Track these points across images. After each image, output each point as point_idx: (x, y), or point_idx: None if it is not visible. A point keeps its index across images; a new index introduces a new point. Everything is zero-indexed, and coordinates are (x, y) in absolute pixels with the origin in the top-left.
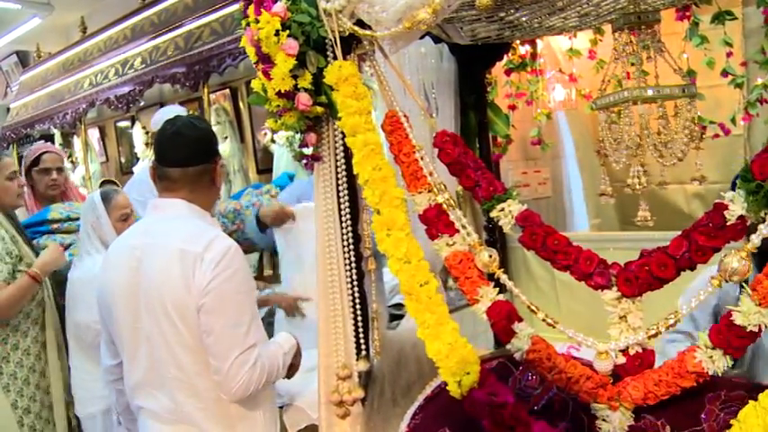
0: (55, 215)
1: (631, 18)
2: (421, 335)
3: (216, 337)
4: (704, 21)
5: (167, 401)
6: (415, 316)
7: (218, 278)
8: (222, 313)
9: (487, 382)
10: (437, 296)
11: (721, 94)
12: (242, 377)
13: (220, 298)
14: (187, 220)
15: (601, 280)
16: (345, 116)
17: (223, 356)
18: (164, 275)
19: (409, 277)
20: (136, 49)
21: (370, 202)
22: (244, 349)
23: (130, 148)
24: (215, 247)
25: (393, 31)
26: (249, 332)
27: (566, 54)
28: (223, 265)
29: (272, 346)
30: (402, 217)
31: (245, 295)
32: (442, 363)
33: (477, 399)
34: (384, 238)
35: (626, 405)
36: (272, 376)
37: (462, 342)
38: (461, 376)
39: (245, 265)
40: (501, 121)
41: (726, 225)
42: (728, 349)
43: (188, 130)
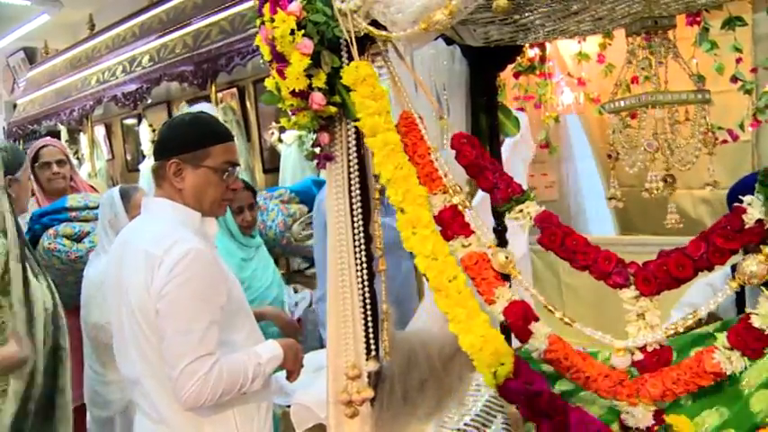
0: (73, 203)
1: (647, 22)
2: (453, 329)
3: (167, 343)
4: (714, 26)
5: (150, 401)
6: (447, 311)
7: (171, 283)
8: (174, 319)
9: (522, 372)
10: (466, 290)
11: (730, 99)
12: (191, 386)
13: (173, 303)
14: (164, 220)
15: (619, 279)
16: (364, 117)
17: (173, 363)
18: (131, 276)
19: (438, 273)
20: (144, 46)
21: (393, 202)
22: (194, 358)
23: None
24: (174, 251)
25: (408, 32)
26: (203, 340)
27: (574, 58)
28: (179, 269)
29: (243, 356)
30: (426, 214)
31: (202, 302)
32: (477, 355)
33: (513, 388)
34: (410, 237)
35: (645, 402)
36: (234, 388)
37: (495, 333)
38: (496, 367)
39: (208, 271)
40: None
41: (744, 228)
42: (746, 351)
43: (166, 125)
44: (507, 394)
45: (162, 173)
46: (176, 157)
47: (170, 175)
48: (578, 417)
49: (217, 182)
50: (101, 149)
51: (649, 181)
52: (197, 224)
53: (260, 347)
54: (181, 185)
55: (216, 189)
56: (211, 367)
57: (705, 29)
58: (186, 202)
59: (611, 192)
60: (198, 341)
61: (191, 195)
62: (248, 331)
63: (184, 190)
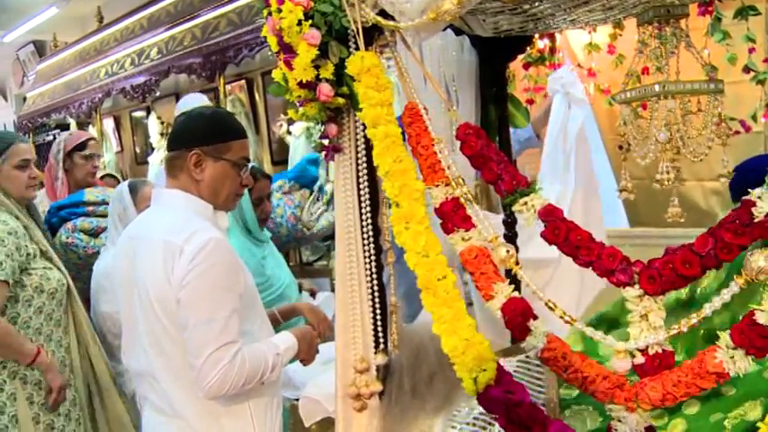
0: (91, 198)
1: (660, 11)
2: (437, 330)
3: (190, 333)
4: (727, 16)
5: (163, 394)
6: (432, 310)
7: (193, 271)
8: (196, 308)
9: (504, 380)
10: (454, 291)
11: (742, 90)
12: (215, 375)
13: (195, 292)
14: (178, 211)
15: (623, 277)
16: (367, 107)
17: (196, 353)
18: (149, 267)
19: (427, 271)
20: (152, 39)
21: (389, 195)
22: (218, 346)
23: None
24: (194, 240)
25: (417, 22)
26: (226, 328)
27: (584, 48)
28: (200, 258)
29: (263, 346)
30: (421, 210)
31: (224, 290)
32: (458, 359)
33: (493, 396)
34: (402, 231)
35: (643, 406)
36: (255, 377)
37: (479, 338)
38: (477, 373)
39: (228, 260)
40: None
41: (753, 222)
42: (751, 349)
43: (185, 116)
44: (487, 402)
45: (179, 163)
46: (198, 148)
47: (189, 166)
48: (558, 428)
49: (233, 176)
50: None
51: (660, 172)
52: (210, 216)
53: (276, 338)
54: (200, 177)
55: (232, 183)
56: (234, 355)
57: (717, 18)
58: (201, 194)
59: (623, 184)
60: (221, 329)
61: (208, 187)
62: (261, 321)
63: (202, 182)
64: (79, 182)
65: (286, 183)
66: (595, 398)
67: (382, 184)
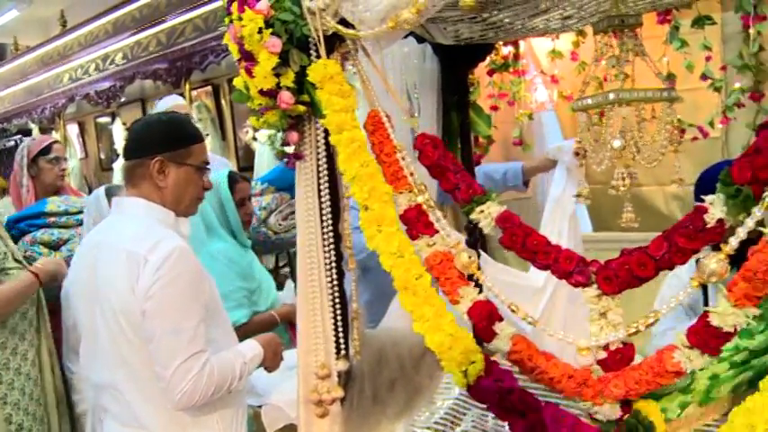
0: (52, 208)
1: (614, 21)
2: (419, 329)
3: (157, 344)
4: (685, 25)
5: (126, 405)
6: (413, 310)
7: (159, 282)
8: (163, 318)
9: (493, 370)
10: (432, 289)
11: (700, 97)
12: (185, 386)
13: (161, 303)
14: (140, 220)
15: (581, 278)
16: (330, 114)
17: (164, 363)
18: (112, 278)
19: (404, 272)
20: (117, 44)
21: (358, 199)
22: (187, 356)
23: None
24: (159, 250)
25: (376, 30)
26: (194, 338)
27: (548, 55)
28: (165, 268)
29: (230, 354)
30: (391, 212)
31: (190, 300)
32: (446, 354)
33: (484, 387)
34: (375, 234)
35: (609, 402)
36: (224, 386)
37: (463, 332)
38: (467, 366)
39: (193, 269)
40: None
41: (705, 228)
42: (705, 349)
43: (138, 124)
44: (479, 393)
45: (141, 171)
46: (160, 155)
47: (153, 173)
48: (552, 413)
49: (196, 181)
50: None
51: (615, 178)
52: (172, 223)
53: (242, 346)
54: (163, 183)
55: (195, 188)
56: (204, 365)
57: (675, 27)
58: (164, 201)
59: (579, 189)
60: (189, 339)
61: (172, 194)
62: (224, 329)
63: (166, 188)
64: (47, 187)
65: (258, 184)
66: (563, 395)
67: (350, 190)
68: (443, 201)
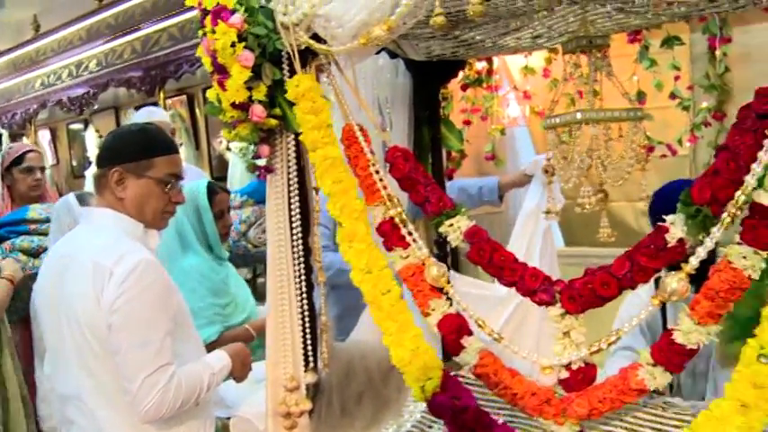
0: (34, 215)
1: (582, 41)
2: (385, 342)
3: (123, 357)
4: (654, 44)
5: (92, 417)
6: (379, 324)
7: (124, 295)
8: (129, 332)
9: (450, 387)
10: (400, 304)
11: (669, 115)
12: (151, 399)
13: (127, 316)
14: (108, 231)
15: (545, 296)
16: (306, 131)
17: (131, 377)
18: (77, 289)
19: (372, 287)
20: (91, 50)
21: (332, 215)
22: (153, 370)
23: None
24: (124, 263)
25: (348, 46)
26: (160, 351)
27: (521, 71)
28: (131, 281)
29: (198, 366)
30: (363, 228)
31: (157, 313)
32: (406, 369)
33: (440, 403)
34: (347, 250)
35: (571, 421)
36: (191, 398)
37: (425, 348)
38: (424, 381)
39: (160, 281)
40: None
41: (666, 247)
42: (669, 366)
43: (111, 133)
44: (434, 408)
45: (104, 181)
46: (119, 166)
47: (112, 184)
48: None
49: (159, 193)
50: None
51: (581, 196)
52: (140, 235)
53: (210, 358)
54: (122, 195)
55: (158, 201)
56: (170, 378)
57: (645, 47)
58: (127, 212)
59: (548, 206)
60: (155, 352)
61: (132, 206)
62: (193, 342)
63: (126, 200)
64: (23, 196)
65: (237, 197)
66: (525, 412)
67: (326, 205)
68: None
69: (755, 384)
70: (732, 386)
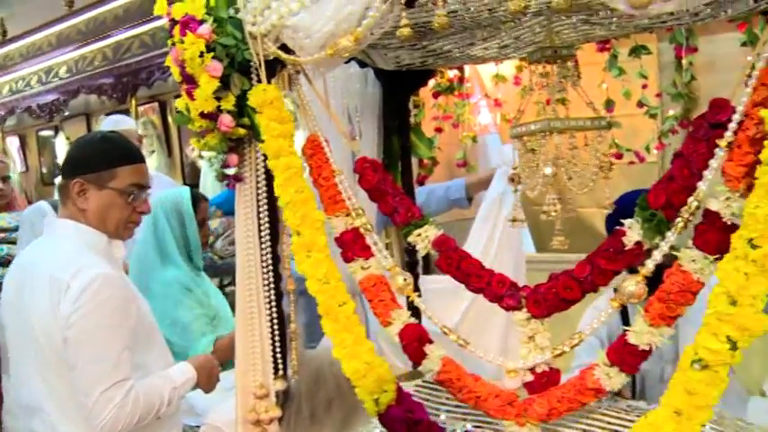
0: (2, 224)
1: (547, 52)
2: (338, 354)
3: (79, 372)
4: (623, 53)
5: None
6: (333, 336)
7: (80, 310)
8: (85, 347)
9: (404, 400)
10: (354, 317)
11: (638, 122)
12: (107, 414)
13: (82, 331)
14: (69, 243)
15: (511, 301)
16: (269, 139)
17: (86, 391)
18: (35, 301)
19: (328, 298)
20: (61, 57)
21: (290, 224)
22: (109, 385)
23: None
24: (81, 277)
25: (316, 57)
26: (117, 366)
27: (492, 79)
28: (86, 296)
29: (158, 380)
30: (322, 239)
31: (114, 328)
32: (359, 382)
33: (394, 416)
34: (304, 260)
35: (532, 421)
36: (150, 413)
37: (379, 361)
38: (379, 394)
39: (117, 295)
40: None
41: (624, 250)
42: (624, 366)
43: (75, 142)
44: (388, 422)
45: (66, 192)
46: (80, 177)
47: (73, 196)
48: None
49: (122, 205)
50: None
51: (547, 204)
52: (103, 246)
53: (173, 370)
54: (84, 206)
55: (120, 212)
56: (127, 393)
57: (614, 56)
58: (90, 223)
59: (513, 214)
60: (112, 367)
61: (94, 217)
62: (159, 352)
63: (88, 211)
64: None
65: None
66: (488, 414)
67: (284, 214)
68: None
69: (688, 391)
70: (667, 393)
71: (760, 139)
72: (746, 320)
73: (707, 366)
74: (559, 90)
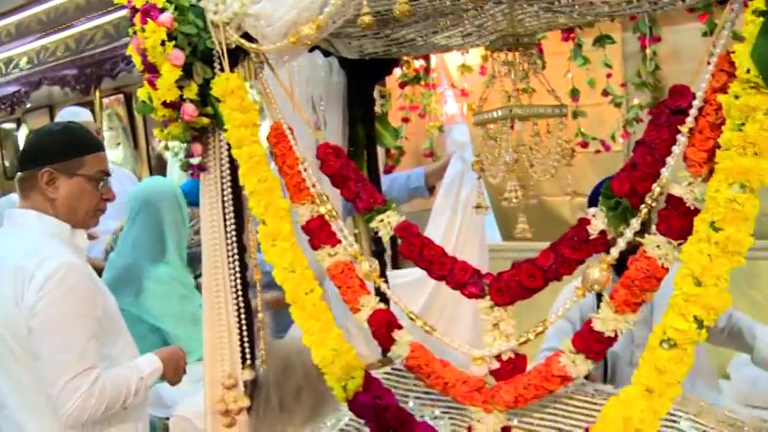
0: None
1: (509, 40)
2: (306, 341)
3: (45, 361)
4: (587, 43)
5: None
6: (301, 323)
7: (45, 298)
8: (50, 336)
9: (372, 387)
10: (321, 304)
11: (603, 112)
12: (73, 403)
13: (47, 321)
14: (33, 233)
15: (474, 289)
16: (231, 128)
17: (52, 381)
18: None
19: (294, 286)
20: (22, 47)
21: (255, 213)
22: (75, 374)
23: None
24: (45, 266)
25: (278, 45)
26: (83, 355)
27: (458, 69)
28: (51, 285)
29: (125, 370)
30: (287, 227)
31: (79, 317)
32: (328, 369)
33: (362, 402)
34: (269, 249)
35: (499, 408)
36: (117, 402)
37: (347, 348)
38: (347, 381)
39: (83, 285)
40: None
41: (589, 239)
42: (589, 354)
43: (33, 133)
44: (356, 408)
45: (32, 183)
46: (49, 166)
47: (42, 185)
48: (424, 429)
49: (91, 191)
50: None
51: (508, 191)
52: (67, 236)
53: (140, 361)
54: (54, 195)
55: (90, 199)
56: (94, 382)
57: (578, 45)
58: (57, 213)
59: (477, 201)
60: (78, 357)
61: (64, 206)
62: (123, 344)
63: (58, 200)
64: None
65: None
66: (456, 401)
67: (248, 203)
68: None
69: (658, 369)
70: (638, 371)
71: (719, 125)
72: (711, 300)
73: (675, 345)
74: (522, 78)
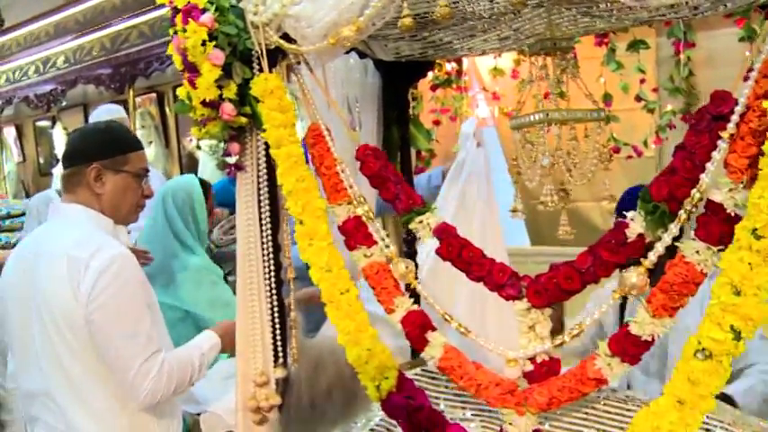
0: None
1: (547, 44)
2: (341, 341)
3: (115, 351)
4: (621, 48)
5: (60, 413)
6: (336, 323)
7: (106, 291)
8: (117, 324)
9: (405, 387)
10: (357, 303)
11: (636, 117)
12: (147, 386)
13: (112, 311)
14: (81, 225)
15: (512, 291)
16: (270, 128)
17: (124, 368)
18: (51, 282)
19: (330, 285)
20: (59, 47)
21: (293, 213)
22: (146, 357)
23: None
24: (101, 256)
25: (318, 46)
26: (150, 339)
27: (490, 72)
28: (109, 276)
29: (185, 350)
30: (323, 227)
31: (140, 304)
32: (362, 368)
33: (395, 402)
34: (306, 248)
35: (532, 410)
36: (185, 381)
37: (381, 348)
38: (380, 381)
39: (137, 274)
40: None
41: (627, 242)
42: (625, 357)
43: (78, 132)
44: (389, 408)
45: (78, 179)
46: (97, 163)
47: (90, 181)
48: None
49: (135, 187)
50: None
51: (544, 194)
52: (111, 231)
53: (198, 339)
54: (101, 191)
55: (134, 194)
56: (162, 364)
57: (612, 50)
58: (102, 208)
59: (513, 205)
60: (146, 341)
61: (109, 201)
62: (160, 329)
63: (104, 195)
64: None
65: None
66: (488, 403)
67: (286, 203)
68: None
69: (691, 380)
70: (670, 382)
71: (763, 131)
72: (750, 310)
73: (710, 356)
74: (558, 82)
